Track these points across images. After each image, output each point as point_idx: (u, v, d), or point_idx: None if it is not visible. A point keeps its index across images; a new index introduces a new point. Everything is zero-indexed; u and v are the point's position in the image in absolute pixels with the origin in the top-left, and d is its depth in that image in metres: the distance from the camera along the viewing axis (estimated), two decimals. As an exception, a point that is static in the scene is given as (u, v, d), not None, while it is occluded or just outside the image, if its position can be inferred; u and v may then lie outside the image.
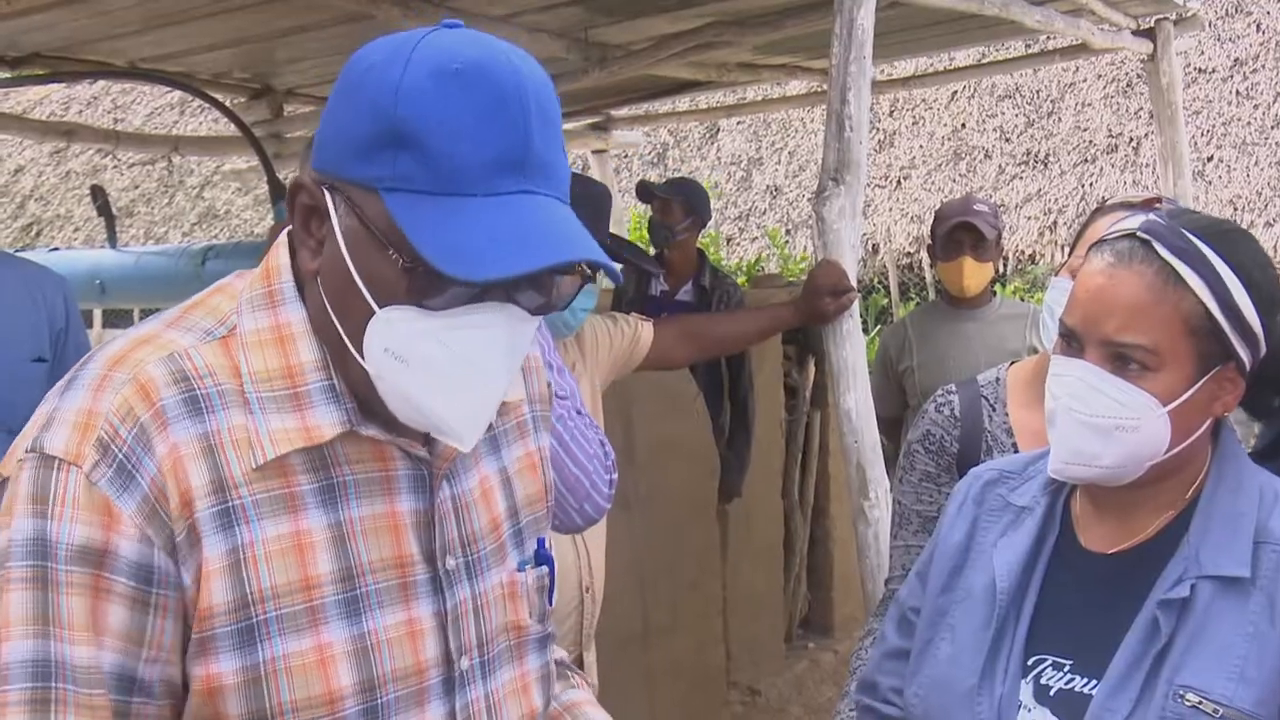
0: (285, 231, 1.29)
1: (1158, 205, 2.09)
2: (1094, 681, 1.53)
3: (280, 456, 1.20)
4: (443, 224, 1.12)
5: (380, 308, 1.17)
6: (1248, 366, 1.54)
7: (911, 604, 1.82)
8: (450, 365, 1.18)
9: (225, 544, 1.17)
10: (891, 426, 4.42)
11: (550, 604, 1.46)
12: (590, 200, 2.64)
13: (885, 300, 12.32)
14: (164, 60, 5.18)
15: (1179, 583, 1.51)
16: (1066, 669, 1.57)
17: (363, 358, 1.19)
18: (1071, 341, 1.57)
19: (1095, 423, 1.52)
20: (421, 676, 1.28)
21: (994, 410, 2.29)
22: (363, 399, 1.24)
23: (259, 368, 1.22)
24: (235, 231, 15.30)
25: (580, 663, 2.77)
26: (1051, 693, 1.57)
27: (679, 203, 5.24)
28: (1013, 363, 2.40)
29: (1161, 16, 5.73)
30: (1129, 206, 2.12)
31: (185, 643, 1.18)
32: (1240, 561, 1.49)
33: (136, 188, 16.25)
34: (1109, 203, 2.23)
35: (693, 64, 5.71)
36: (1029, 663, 1.60)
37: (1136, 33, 5.73)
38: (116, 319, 15.25)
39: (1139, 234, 1.53)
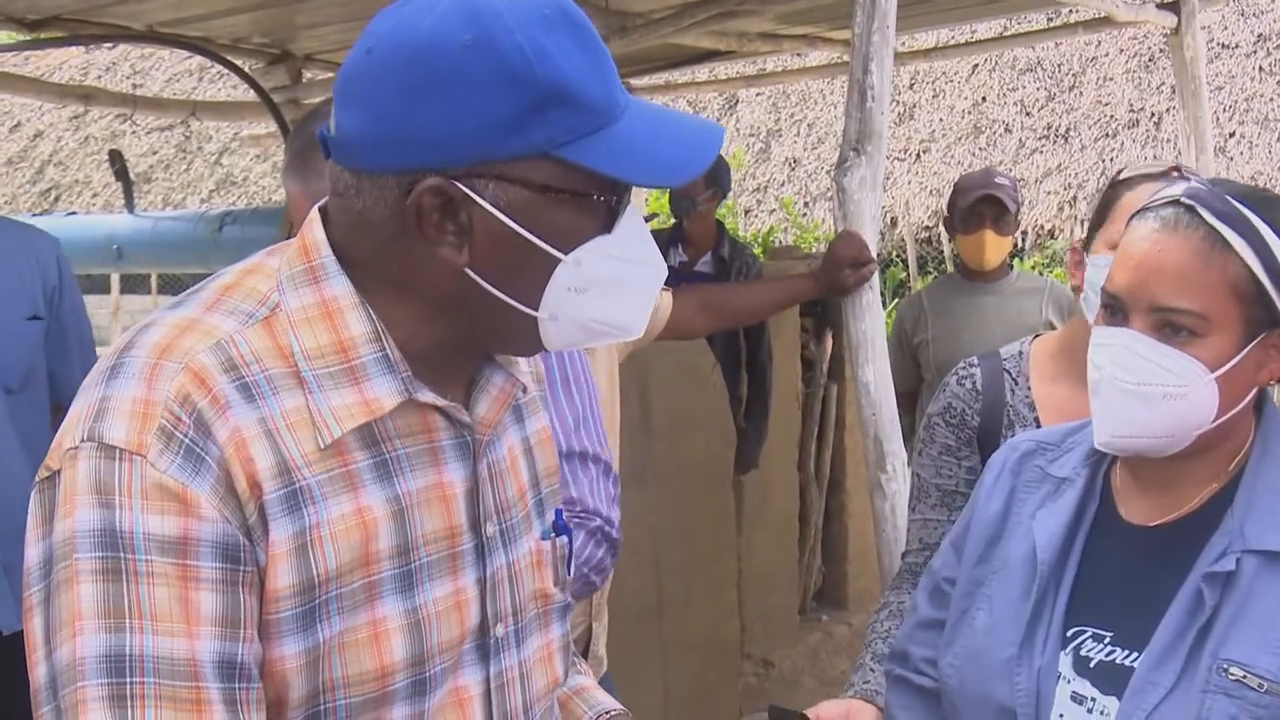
0: (317, 207, 1.28)
1: (1175, 173, 2.06)
2: (1135, 654, 1.53)
3: (332, 441, 1.19)
4: (623, 150, 1.20)
5: (565, 255, 1.22)
6: None
7: (946, 574, 1.81)
8: (628, 272, 1.27)
9: (293, 526, 1.16)
10: (906, 400, 4.41)
11: (569, 573, 1.47)
12: None
13: (903, 274, 12.28)
14: (182, 24, 5.15)
15: (1224, 556, 1.50)
16: (1107, 641, 1.57)
17: (536, 310, 1.24)
18: (1115, 311, 1.55)
19: (1143, 391, 1.50)
20: (460, 646, 1.29)
21: (1016, 384, 2.27)
22: (416, 361, 1.25)
23: (311, 345, 1.21)
24: (253, 198, 15.30)
25: (589, 633, 2.76)
26: (1092, 664, 1.56)
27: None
28: (1037, 336, 2.38)
29: (1186, -10, 5.68)
30: (1150, 178, 2.10)
31: None
32: None
33: (155, 153, 16.26)
34: (1127, 173, 2.19)
35: (713, 33, 5.67)
36: (1068, 634, 1.60)
37: (1161, 5, 5.67)
38: (134, 284, 15.31)
39: (1184, 200, 1.52)
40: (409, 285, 1.23)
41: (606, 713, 1.57)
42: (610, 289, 1.25)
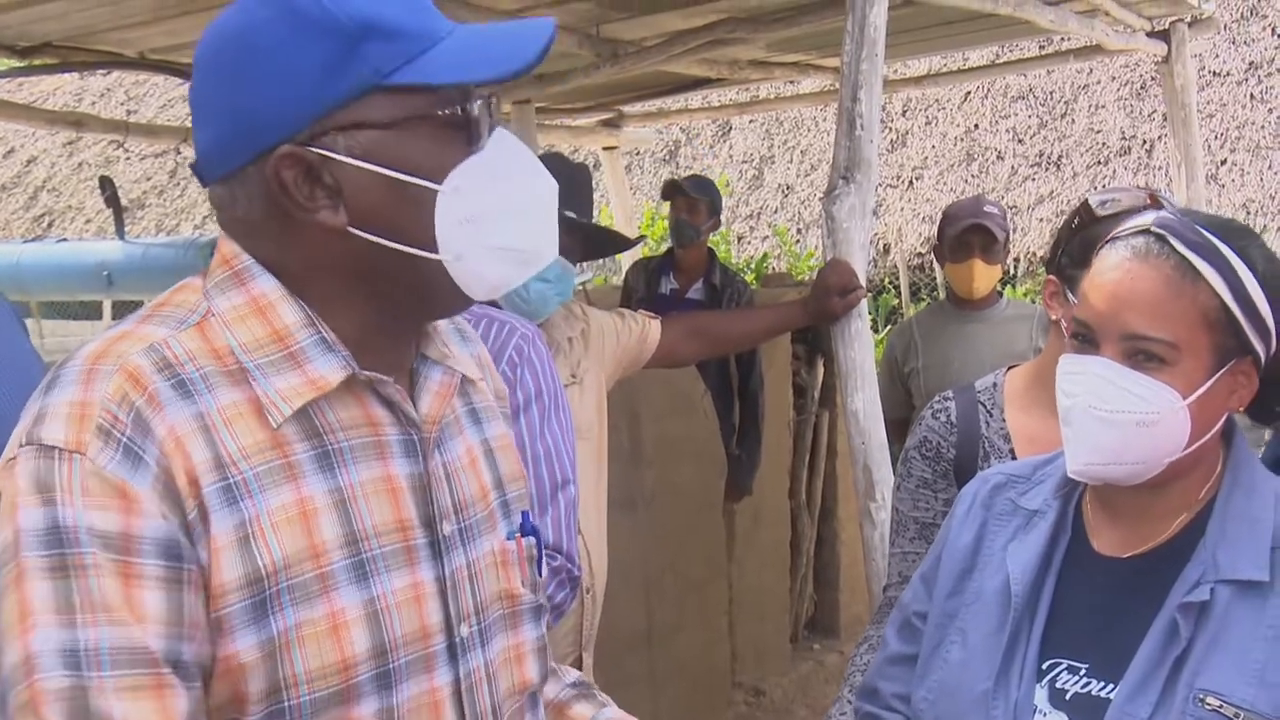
0: (220, 237, 1.30)
1: (1152, 202, 2.07)
2: (1111, 685, 1.53)
3: (274, 429, 1.20)
4: (451, 61, 1.21)
5: (440, 184, 1.23)
6: (1263, 362, 1.54)
7: (916, 608, 1.81)
8: (518, 190, 1.29)
9: (232, 519, 1.16)
10: (897, 428, 4.39)
11: (540, 574, 1.46)
12: (568, 178, 2.60)
13: (896, 300, 12.28)
14: (175, 51, 5.16)
15: (1198, 586, 1.50)
16: (1082, 673, 1.57)
17: (436, 252, 1.24)
18: (1085, 339, 1.56)
19: (1116, 419, 1.51)
20: (427, 641, 1.28)
21: (991, 416, 2.28)
22: (355, 348, 1.26)
23: (247, 339, 1.22)
24: (246, 224, 15.29)
25: (580, 664, 2.75)
26: (1068, 696, 1.56)
27: (705, 203, 5.23)
28: (1011, 367, 2.38)
29: (1176, 18, 5.71)
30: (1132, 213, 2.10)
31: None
32: (1259, 565, 1.49)
33: (148, 179, 16.29)
34: (1110, 212, 2.14)
35: (705, 61, 5.69)
36: (1043, 666, 1.59)
37: (1151, 34, 5.71)
38: (124, 312, 15.29)
39: (1154, 229, 1.53)
40: (316, 269, 1.25)
41: None
42: (502, 211, 1.27)
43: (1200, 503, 1.58)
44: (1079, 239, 2.18)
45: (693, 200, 5.22)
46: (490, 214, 1.26)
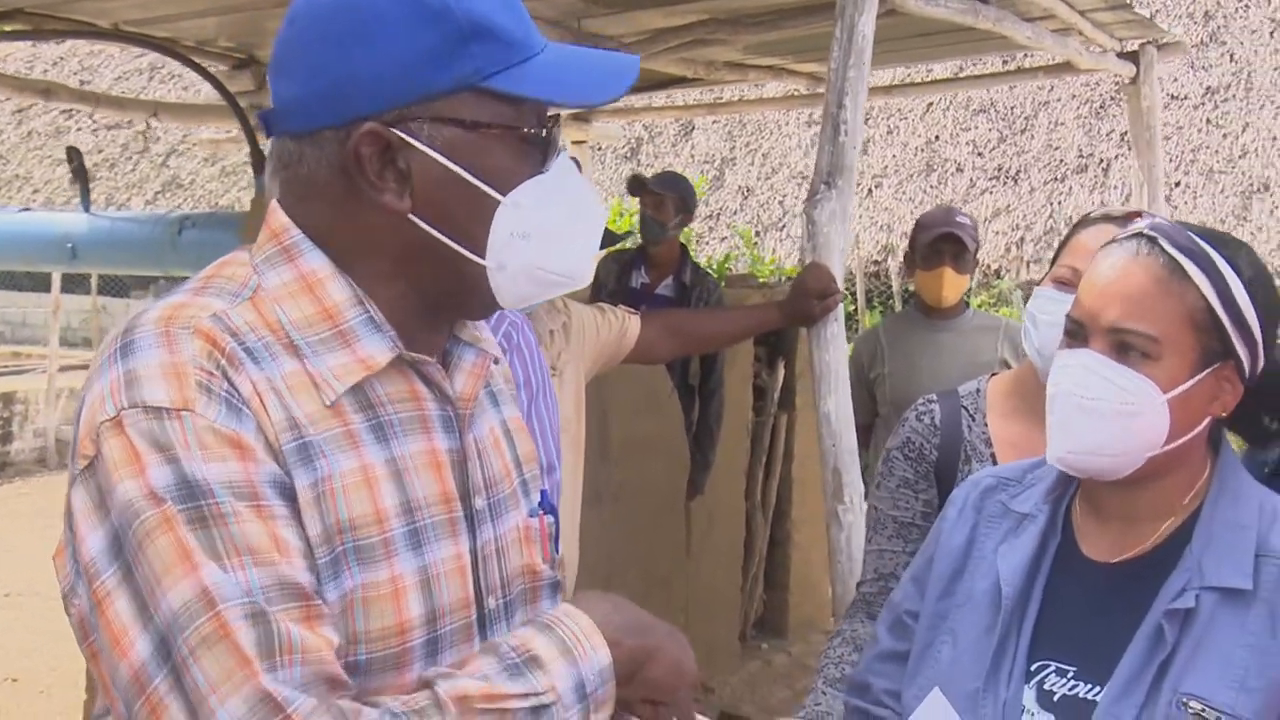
0: (275, 200, 1.31)
1: (1138, 219, 2.11)
2: (1098, 688, 1.56)
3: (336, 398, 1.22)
4: (548, 77, 1.26)
5: (504, 195, 1.26)
6: (1247, 370, 1.58)
7: (908, 607, 1.83)
8: (570, 214, 1.32)
9: (308, 477, 1.18)
10: (861, 433, 4.44)
11: (557, 551, 1.50)
12: None
13: (851, 307, 12.36)
14: (149, 24, 5.09)
15: (1183, 593, 1.54)
16: (1070, 675, 1.60)
17: (483, 257, 1.27)
18: (1076, 335, 1.61)
19: (1096, 407, 1.55)
20: (468, 610, 1.31)
21: (974, 420, 2.31)
22: (398, 325, 1.28)
23: (297, 316, 1.24)
24: (200, 201, 15.18)
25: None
26: (1055, 698, 1.59)
27: (672, 199, 5.21)
28: (994, 374, 2.42)
29: (1146, 41, 5.79)
30: (1111, 219, 2.16)
31: None
32: (1242, 573, 1.53)
33: (100, 152, 16.10)
34: (1091, 214, 2.26)
35: (682, 60, 5.70)
36: (1032, 668, 1.62)
37: (1121, 55, 5.78)
38: (73, 284, 15.09)
39: (1147, 232, 1.59)
40: (367, 246, 1.27)
41: None
42: (552, 234, 1.30)
43: (1186, 510, 1.62)
44: (1062, 240, 2.27)
45: (658, 197, 5.22)
46: (541, 233, 1.29)
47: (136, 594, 1.09)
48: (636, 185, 5.36)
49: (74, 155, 5.43)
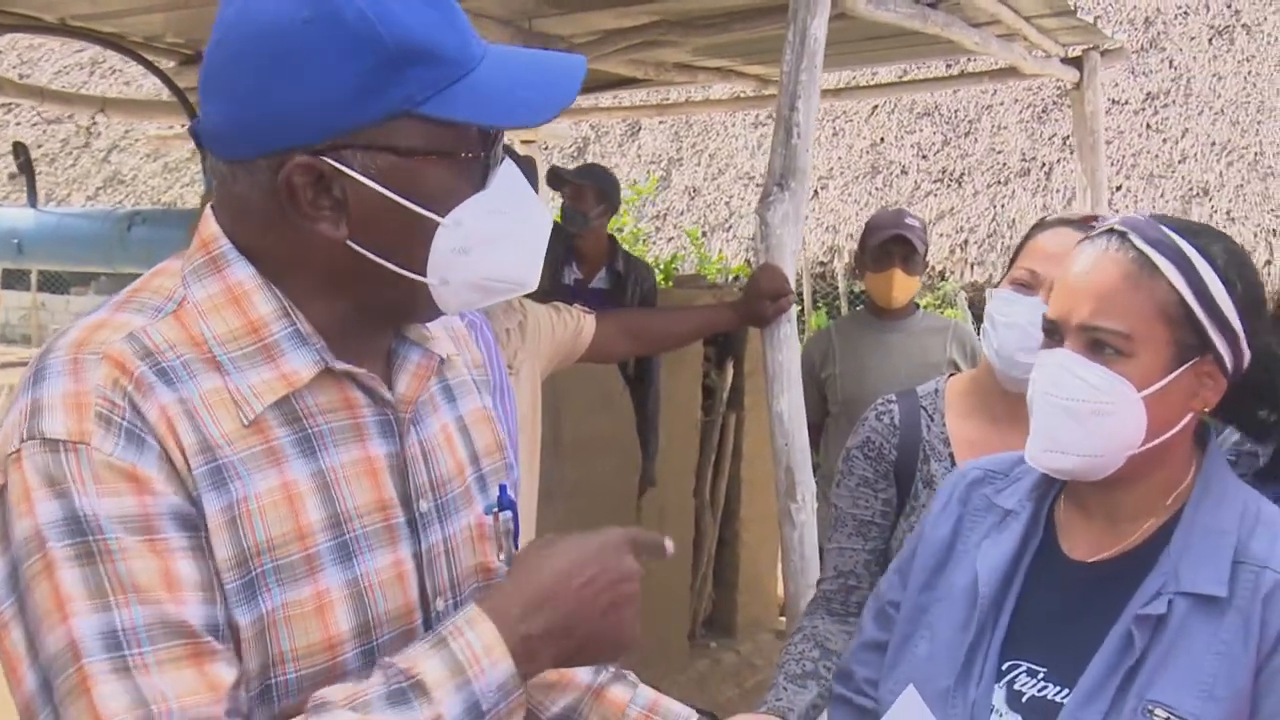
0: (209, 206, 1.30)
1: (1095, 223, 2.15)
2: (1066, 690, 1.55)
3: (245, 425, 1.20)
4: (483, 97, 1.21)
5: (444, 217, 1.23)
6: (1229, 364, 1.56)
7: (891, 598, 1.84)
8: (513, 222, 1.29)
9: (221, 500, 1.16)
10: (812, 432, 4.48)
11: (516, 547, 1.47)
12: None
13: (799, 308, 12.43)
14: (97, 19, 5.04)
15: (1156, 598, 1.52)
16: (1040, 676, 1.59)
17: (424, 276, 1.25)
18: (1052, 335, 1.60)
19: (1071, 407, 1.54)
20: (409, 617, 1.30)
21: (932, 420, 2.34)
22: (332, 337, 1.26)
23: (222, 330, 1.22)
24: (141, 198, 15.01)
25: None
26: (1024, 699, 1.59)
27: (591, 189, 5.14)
28: (951, 374, 2.46)
29: (1090, 46, 5.86)
30: (1067, 223, 2.19)
31: None
32: (1218, 580, 1.50)
33: (39, 147, 15.87)
34: (1048, 218, 2.30)
35: (631, 61, 5.71)
36: (1003, 668, 1.62)
37: (1065, 60, 5.86)
38: (13, 280, 14.90)
39: (1117, 227, 1.58)
40: (301, 265, 1.25)
41: None
42: (495, 245, 1.28)
43: (1168, 510, 1.61)
44: (1019, 244, 2.31)
45: (577, 187, 5.15)
46: (484, 245, 1.27)
47: (26, 630, 1.10)
48: (555, 178, 5.32)
49: (20, 151, 5.37)
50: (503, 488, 1.48)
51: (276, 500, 1.20)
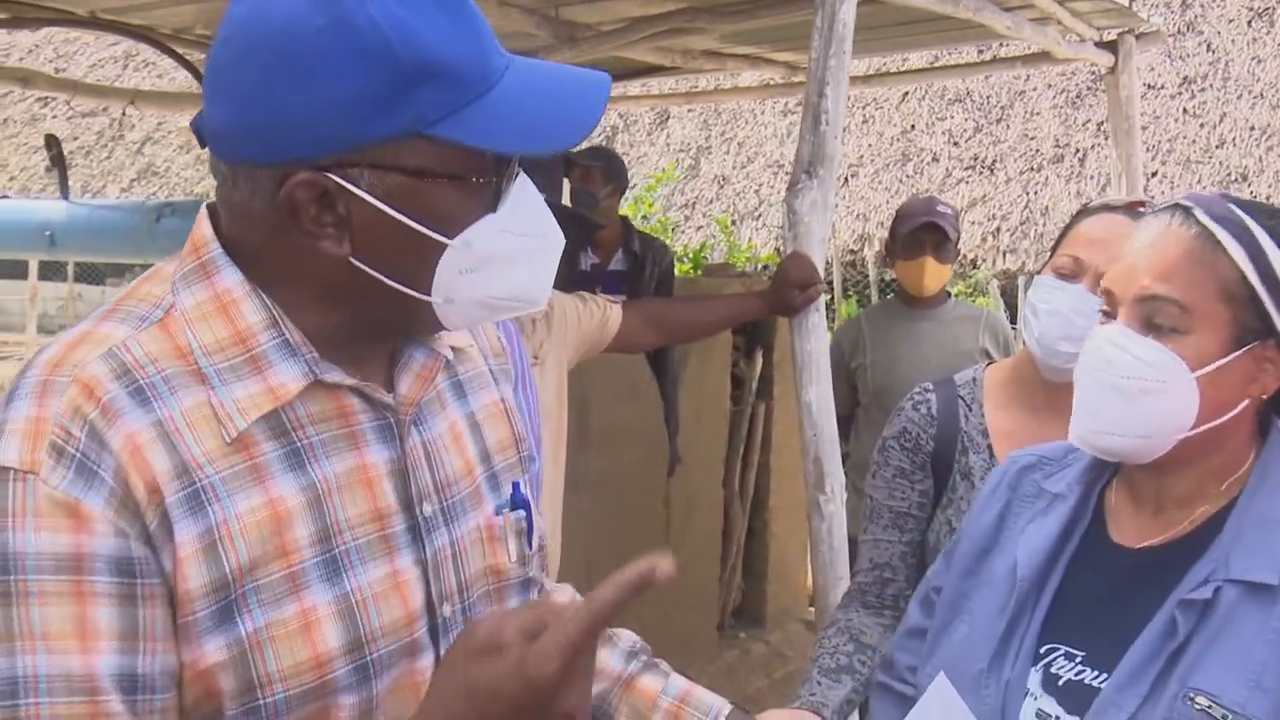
0: (205, 205, 1.26)
1: (1140, 208, 2.10)
2: (1105, 675, 1.51)
3: (228, 442, 1.17)
4: (498, 120, 1.16)
5: (452, 239, 1.19)
6: None
7: (935, 583, 1.82)
8: (522, 245, 1.25)
9: (197, 527, 1.13)
10: (841, 424, 4.45)
11: (530, 547, 1.44)
12: (541, 165, 2.58)
13: (829, 296, 12.39)
14: (126, 12, 5.06)
15: (1204, 584, 1.47)
16: (1079, 660, 1.55)
17: (428, 295, 1.22)
18: (1107, 310, 1.55)
19: (1120, 384, 1.49)
20: (411, 628, 1.27)
21: (970, 410, 2.30)
22: (323, 345, 1.23)
23: (209, 340, 1.19)
24: (174, 189, 15.08)
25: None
26: (1060, 682, 1.55)
27: (599, 170, 5.08)
28: (990, 363, 2.42)
29: (1125, 30, 5.78)
30: (1111, 208, 2.15)
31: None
32: (1272, 568, 1.45)
33: (75, 139, 15.96)
34: (1091, 204, 2.25)
35: (659, 49, 5.67)
36: (1041, 651, 1.59)
37: (1099, 44, 5.78)
38: (50, 272, 15.02)
39: (1182, 202, 1.53)
40: (298, 276, 1.21)
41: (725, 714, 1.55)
42: (505, 265, 1.24)
43: (1223, 497, 1.54)
44: (1062, 230, 2.27)
45: (585, 168, 5.08)
46: (492, 264, 1.23)
47: None
48: (566, 162, 5.29)
49: (53, 143, 5.40)
50: (515, 485, 1.45)
51: (260, 519, 1.17)
